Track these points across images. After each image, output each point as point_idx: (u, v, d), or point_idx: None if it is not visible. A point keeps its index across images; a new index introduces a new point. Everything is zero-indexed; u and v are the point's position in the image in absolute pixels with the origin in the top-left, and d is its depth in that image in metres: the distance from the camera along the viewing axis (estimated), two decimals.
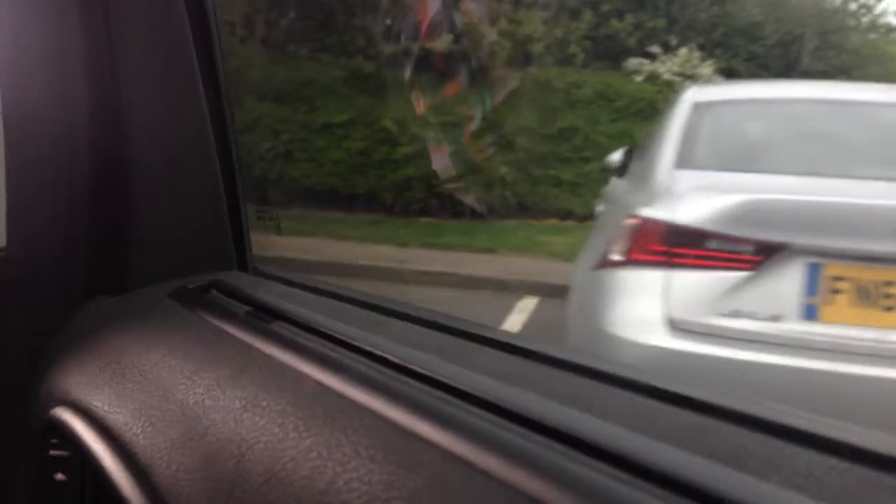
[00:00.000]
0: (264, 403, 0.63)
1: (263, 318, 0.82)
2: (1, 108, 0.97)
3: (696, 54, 8.33)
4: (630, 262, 2.09)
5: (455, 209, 7.45)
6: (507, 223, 7.42)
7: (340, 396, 0.60)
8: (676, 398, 0.57)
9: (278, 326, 0.79)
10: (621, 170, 4.03)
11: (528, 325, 4.43)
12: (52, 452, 0.82)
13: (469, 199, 6.96)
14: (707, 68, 8.28)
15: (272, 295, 0.91)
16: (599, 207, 3.89)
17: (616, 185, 3.71)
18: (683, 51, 8.33)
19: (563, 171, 7.63)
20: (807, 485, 0.44)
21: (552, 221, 7.48)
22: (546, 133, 7.76)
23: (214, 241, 1.06)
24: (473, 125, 7.50)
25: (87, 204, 1.02)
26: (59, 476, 0.81)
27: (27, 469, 0.93)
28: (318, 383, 0.63)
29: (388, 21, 7.81)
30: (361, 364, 0.66)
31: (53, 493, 0.82)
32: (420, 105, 7.38)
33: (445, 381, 0.59)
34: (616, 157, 4.11)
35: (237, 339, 0.76)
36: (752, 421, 0.52)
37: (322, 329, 0.75)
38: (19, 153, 0.99)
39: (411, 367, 0.63)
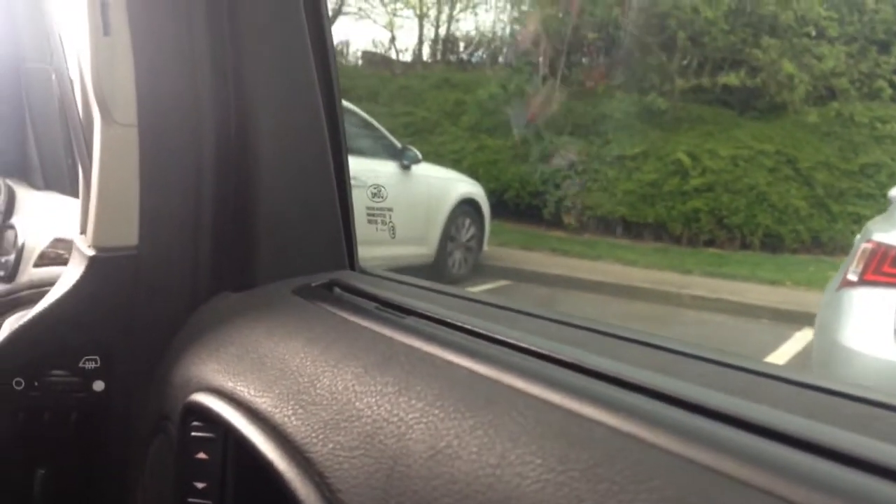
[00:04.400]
0: (418, 388, 0.65)
1: (395, 313, 0.85)
2: (137, 118, 1.01)
3: None
4: (864, 282, 2.32)
5: (744, 241, 7.50)
6: (799, 257, 7.31)
7: (496, 382, 0.62)
8: (821, 389, 0.63)
9: (413, 321, 0.81)
10: None
11: (801, 354, 4.51)
12: (194, 434, 0.85)
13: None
14: None
15: (392, 293, 0.93)
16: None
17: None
18: None
19: (863, 208, 7.34)
20: None
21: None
22: (847, 169, 7.53)
23: (327, 242, 1.10)
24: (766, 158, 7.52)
25: (211, 207, 1.06)
26: (201, 455, 0.84)
27: (161, 450, 0.96)
28: (470, 371, 0.65)
29: (685, 60, 8.09)
30: (507, 354, 0.68)
31: (195, 471, 0.84)
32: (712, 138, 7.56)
33: (598, 369, 0.61)
34: None
35: (375, 332, 0.78)
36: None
37: (457, 323, 0.77)
38: (151, 158, 1.03)
39: (560, 357, 0.65)
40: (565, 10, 8.24)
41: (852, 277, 2.37)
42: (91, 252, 1.04)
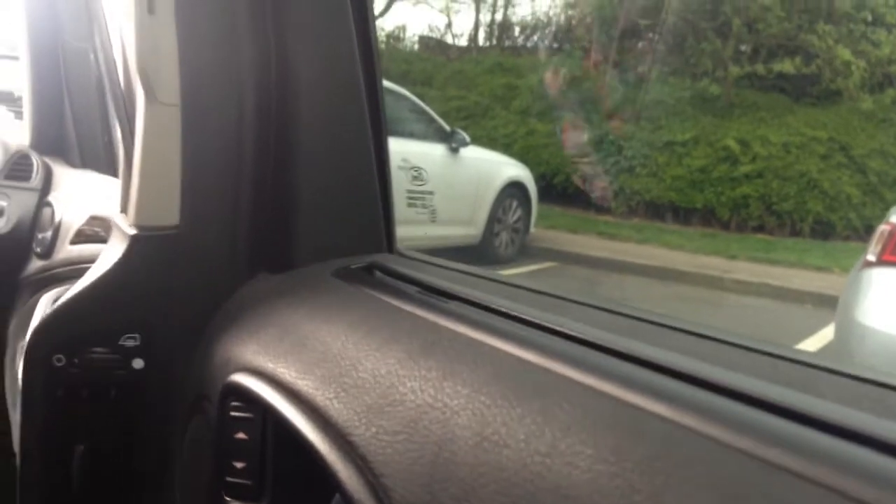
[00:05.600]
0: (464, 374, 0.64)
1: (439, 298, 0.84)
2: (180, 97, 1.00)
3: None
4: (881, 262, 2.42)
5: (794, 228, 7.48)
6: (850, 245, 7.26)
7: (544, 370, 0.61)
8: (882, 384, 0.60)
9: (456, 306, 0.81)
10: None
11: None
12: (233, 414, 0.85)
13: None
14: None
15: (433, 276, 0.92)
16: None
17: None
18: None
19: None
20: None
21: None
22: None
23: (366, 224, 1.10)
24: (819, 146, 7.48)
25: (251, 188, 1.06)
26: (241, 435, 0.84)
27: (200, 429, 0.96)
28: (517, 358, 0.64)
29: (739, 46, 8.06)
30: (555, 342, 0.67)
31: (234, 451, 0.84)
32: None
33: (648, 358, 0.60)
34: None
35: (418, 316, 0.78)
36: None
37: (502, 309, 0.77)
38: (193, 138, 1.02)
39: (609, 345, 0.64)
40: None
41: (871, 258, 2.47)
42: (132, 231, 1.03)
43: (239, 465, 0.84)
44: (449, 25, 12.44)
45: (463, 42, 11.15)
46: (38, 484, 1.08)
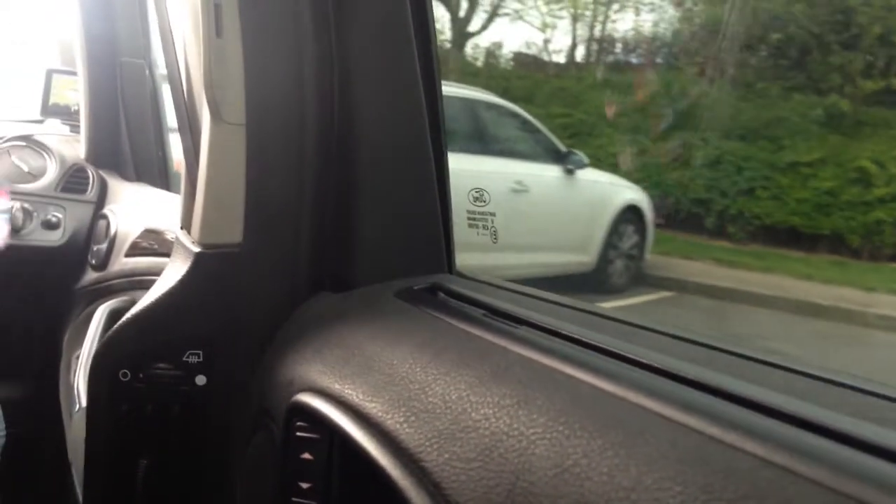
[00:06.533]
0: (539, 402, 0.63)
1: (507, 322, 0.83)
2: (245, 117, 1.02)
3: None
4: None
5: None
6: None
7: (623, 401, 0.59)
8: None
9: (526, 331, 0.79)
10: None
11: None
12: (299, 434, 0.85)
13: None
14: None
15: (497, 299, 0.90)
16: None
17: None
18: None
19: None
20: None
21: None
22: None
23: (426, 244, 1.09)
24: None
25: (312, 207, 1.07)
26: (306, 455, 0.83)
27: (262, 446, 0.96)
28: (594, 387, 0.62)
29: (872, 59, 7.47)
30: (633, 372, 0.65)
31: (300, 471, 0.84)
32: None
33: (735, 392, 0.57)
34: None
35: (487, 341, 0.76)
36: None
37: (575, 336, 0.75)
38: (257, 157, 1.04)
39: (691, 377, 0.61)
40: (736, 6, 7.83)
41: None
42: (196, 248, 1.05)
43: (305, 485, 0.83)
44: (546, 42, 12.15)
45: (560, 58, 10.83)
46: (103, 497, 1.09)
